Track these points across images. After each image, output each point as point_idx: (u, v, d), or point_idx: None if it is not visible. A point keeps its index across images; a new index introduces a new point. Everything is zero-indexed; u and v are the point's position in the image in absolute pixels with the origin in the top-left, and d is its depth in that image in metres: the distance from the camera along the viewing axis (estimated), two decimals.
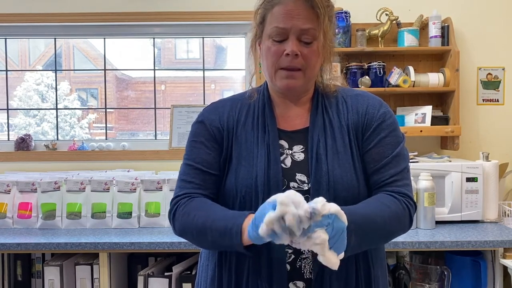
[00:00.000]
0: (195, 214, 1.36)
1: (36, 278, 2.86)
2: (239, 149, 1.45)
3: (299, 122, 1.48)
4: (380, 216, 1.31)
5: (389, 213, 1.33)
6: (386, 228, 1.34)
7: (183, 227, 1.40)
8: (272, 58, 1.40)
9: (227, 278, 1.42)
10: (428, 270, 2.67)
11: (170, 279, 2.58)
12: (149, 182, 2.94)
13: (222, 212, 1.35)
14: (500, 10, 3.31)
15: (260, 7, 1.44)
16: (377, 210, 1.32)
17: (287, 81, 1.40)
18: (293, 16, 1.36)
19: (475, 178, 2.83)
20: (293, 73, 1.39)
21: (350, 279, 1.38)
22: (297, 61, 1.37)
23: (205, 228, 1.33)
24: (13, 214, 2.93)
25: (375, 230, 1.31)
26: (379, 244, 1.46)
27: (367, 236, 1.29)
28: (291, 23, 1.36)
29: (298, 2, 1.36)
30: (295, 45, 1.36)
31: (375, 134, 1.43)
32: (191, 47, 4.15)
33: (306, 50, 1.38)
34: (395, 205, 1.36)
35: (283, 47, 1.38)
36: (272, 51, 1.39)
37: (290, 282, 1.38)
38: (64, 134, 3.76)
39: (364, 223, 1.27)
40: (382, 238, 1.39)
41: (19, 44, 3.78)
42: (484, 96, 3.32)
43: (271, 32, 1.39)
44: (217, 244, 1.35)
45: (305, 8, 1.36)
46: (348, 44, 3.19)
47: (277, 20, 1.38)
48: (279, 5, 1.38)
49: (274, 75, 1.42)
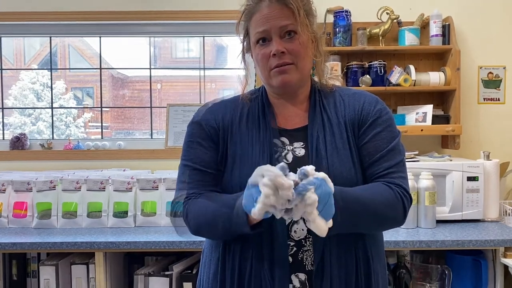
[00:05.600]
0: (205, 209, 1.41)
1: (32, 278, 2.84)
2: (234, 148, 1.47)
3: (299, 121, 1.50)
4: (371, 199, 1.35)
5: (380, 198, 1.37)
6: (377, 212, 1.37)
7: (196, 225, 1.45)
8: (263, 62, 1.45)
9: (230, 272, 1.43)
10: (428, 269, 2.67)
11: (170, 278, 2.58)
12: (145, 181, 2.93)
13: (226, 197, 1.39)
14: (501, 9, 3.31)
15: (240, 21, 1.52)
16: (367, 193, 1.37)
17: (281, 77, 1.44)
18: (270, 17, 1.42)
19: (476, 177, 2.82)
20: (285, 68, 1.43)
21: (350, 271, 1.40)
22: (286, 57, 1.42)
23: (215, 218, 1.38)
24: (8, 214, 2.91)
25: (364, 211, 1.34)
26: (371, 229, 1.46)
27: (356, 214, 1.33)
28: (269, 24, 1.42)
29: (272, 5, 1.42)
30: (278, 44, 1.41)
31: (370, 129, 1.46)
32: (191, 46, 4.14)
33: (291, 45, 1.42)
34: (388, 192, 1.39)
35: (269, 49, 1.43)
36: (261, 55, 1.45)
37: (292, 274, 1.40)
38: (59, 133, 3.73)
39: (353, 202, 1.31)
40: (373, 222, 1.40)
41: (14, 42, 3.76)
42: (485, 95, 3.31)
43: (255, 38, 1.46)
44: (229, 231, 1.37)
45: (279, 8, 1.42)
46: (349, 43, 3.19)
47: (257, 26, 1.44)
48: (256, 13, 1.45)
49: (269, 76, 1.46)
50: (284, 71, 1.42)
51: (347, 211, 1.29)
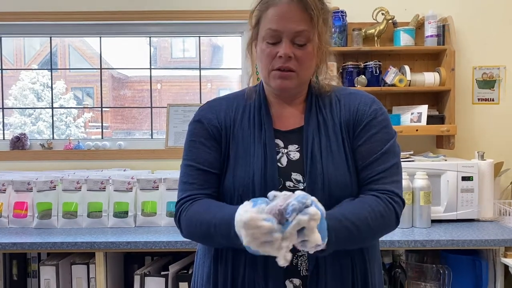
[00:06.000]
0: (197, 221, 1.37)
1: (32, 278, 2.85)
2: (236, 147, 1.45)
3: (294, 122, 1.49)
4: (363, 219, 1.32)
5: (371, 214, 1.33)
6: (371, 230, 1.35)
7: (188, 233, 1.43)
8: (266, 60, 1.41)
9: (223, 276, 1.42)
10: (424, 268, 2.68)
11: (166, 278, 2.58)
12: (145, 181, 2.93)
13: (222, 213, 1.33)
14: (496, 9, 3.32)
15: (255, 9, 1.45)
16: (359, 214, 1.33)
17: (281, 81, 1.41)
18: (286, 18, 1.36)
19: (471, 177, 2.84)
20: (286, 74, 1.40)
21: (346, 276, 1.39)
22: (291, 63, 1.38)
23: (210, 234, 1.34)
24: (8, 214, 2.92)
25: (357, 235, 1.31)
26: (366, 244, 1.44)
27: (348, 239, 1.30)
28: (284, 26, 1.36)
29: (292, 4, 1.36)
30: (288, 48, 1.37)
31: (365, 131, 1.44)
32: (187, 46, 4.15)
33: (300, 52, 1.38)
34: (379, 205, 1.36)
35: (276, 50, 1.38)
36: (266, 53, 1.40)
37: (286, 280, 1.39)
38: (59, 133, 3.75)
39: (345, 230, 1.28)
40: (367, 239, 1.39)
41: (14, 43, 3.78)
42: (479, 95, 3.33)
43: (265, 34, 1.40)
44: (225, 245, 1.37)
45: (298, 10, 1.36)
46: (344, 43, 3.20)
47: (270, 22, 1.38)
48: (273, 7, 1.39)
49: (268, 76, 1.43)
50: (284, 76, 1.40)
51: (339, 241, 1.26)
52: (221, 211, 1.34)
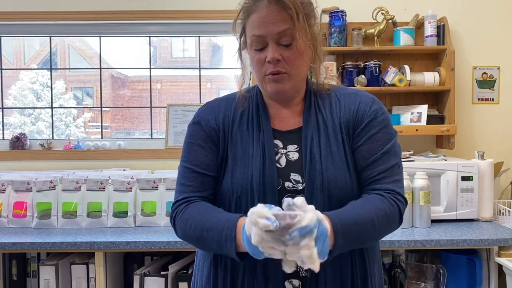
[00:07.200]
0: (191, 224, 1.37)
1: (32, 278, 2.85)
2: (234, 149, 1.45)
3: (293, 122, 1.48)
4: (369, 219, 1.31)
5: (377, 214, 1.33)
6: (376, 230, 1.34)
7: (183, 235, 1.42)
8: (257, 67, 1.42)
9: (223, 277, 1.42)
10: (423, 268, 2.68)
11: (166, 278, 2.57)
12: (145, 181, 2.93)
13: (216, 218, 1.33)
14: (495, 9, 3.32)
15: (238, 18, 1.46)
16: (365, 214, 1.32)
17: (275, 85, 1.41)
18: (267, 21, 1.37)
19: (471, 177, 2.84)
20: (279, 77, 1.40)
21: (346, 277, 1.39)
22: (280, 65, 1.39)
23: (203, 238, 1.34)
24: (8, 214, 2.92)
25: (363, 235, 1.32)
26: (371, 243, 1.45)
27: (356, 240, 1.30)
28: (266, 29, 1.37)
29: (271, 7, 1.37)
30: (274, 51, 1.37)
31: (365, 131, 1.43)
32: (187, 45, 4.15)
33: (288, 52, 1.38)
34: (383, 204, 1.35)
35: (264, 55, 1.39)
36: (256, 61, 1.42)
37: (285, 281, 1.38)
38: (59, 133, 3.75)
39: (352, 230, 1.27)
40: (372, 239, 1.40)
41: (14, 42, 3.77)
42: (479, 95, 3.33)
43: (251, 41, 1.41)
44: (216, 251, 1.37)
45: (277, 11, 1.36)
46: (344, 43, 3.20)
47: (253, 28, 1.40)
48: (254, 13, 1.40)
49: (263, 81, 1.44)
50: (277, 80, 1.40)
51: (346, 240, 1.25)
52: (214, 216, 1.34)
